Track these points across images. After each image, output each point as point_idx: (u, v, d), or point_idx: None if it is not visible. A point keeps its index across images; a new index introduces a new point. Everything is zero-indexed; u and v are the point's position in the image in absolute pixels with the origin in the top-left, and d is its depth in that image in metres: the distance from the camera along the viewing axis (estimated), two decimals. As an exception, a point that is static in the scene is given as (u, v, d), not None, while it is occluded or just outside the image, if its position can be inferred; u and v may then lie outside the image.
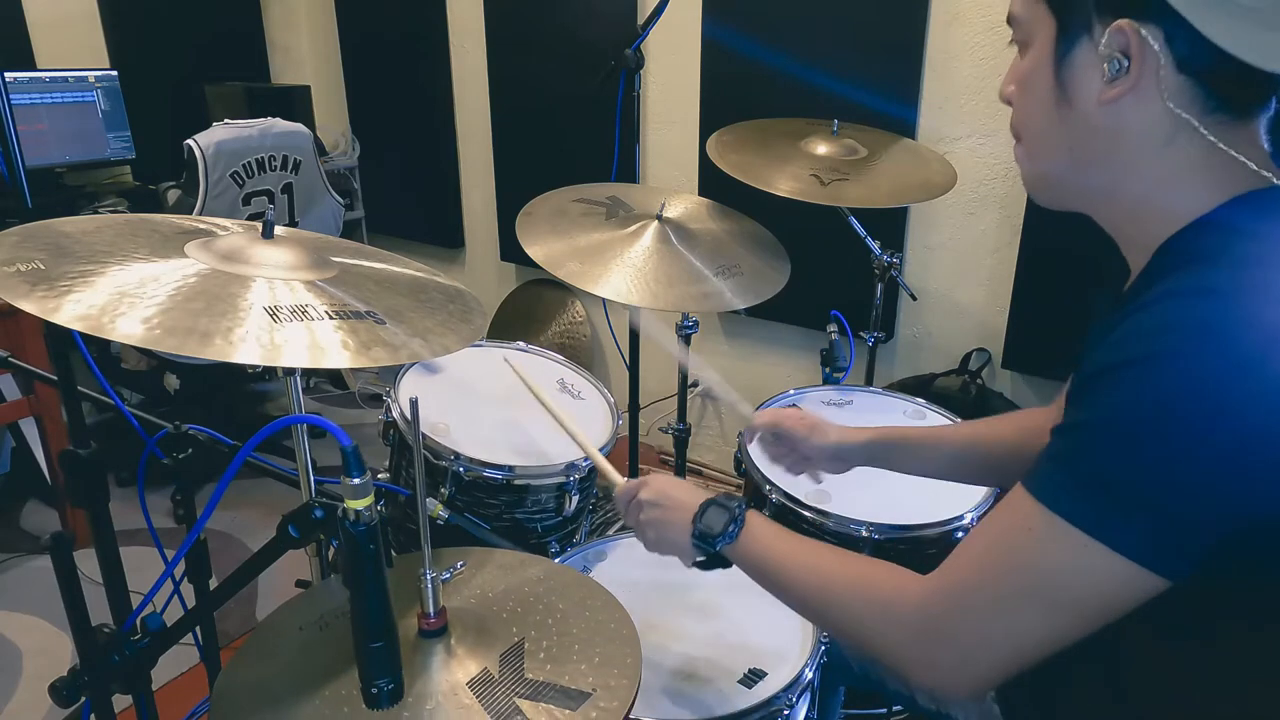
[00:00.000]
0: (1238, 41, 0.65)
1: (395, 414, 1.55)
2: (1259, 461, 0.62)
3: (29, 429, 2.58)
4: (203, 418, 1.40)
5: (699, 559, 0.99)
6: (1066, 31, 0.74)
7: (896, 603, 0.79)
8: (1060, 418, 1.10)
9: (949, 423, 1.74)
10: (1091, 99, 0.73)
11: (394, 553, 1.57)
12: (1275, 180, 0.71)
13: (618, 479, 1.16)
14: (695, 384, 3.09)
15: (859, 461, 1.22)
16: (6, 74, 2.46)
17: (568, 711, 0.85)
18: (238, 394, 3.45)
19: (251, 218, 2.52)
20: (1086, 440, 0.68)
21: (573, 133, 3.04)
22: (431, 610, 0.91)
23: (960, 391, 2.39)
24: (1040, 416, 1.14)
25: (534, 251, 1.66)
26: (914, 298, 2.52)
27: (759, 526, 0.95)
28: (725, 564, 0.98)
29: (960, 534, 1.43)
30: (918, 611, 0.77)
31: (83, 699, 0.97)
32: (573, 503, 1.52)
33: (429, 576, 0.90)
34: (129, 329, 0.76)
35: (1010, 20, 0.81)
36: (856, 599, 0.83)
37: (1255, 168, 0.70)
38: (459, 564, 1.01)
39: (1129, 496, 0.65)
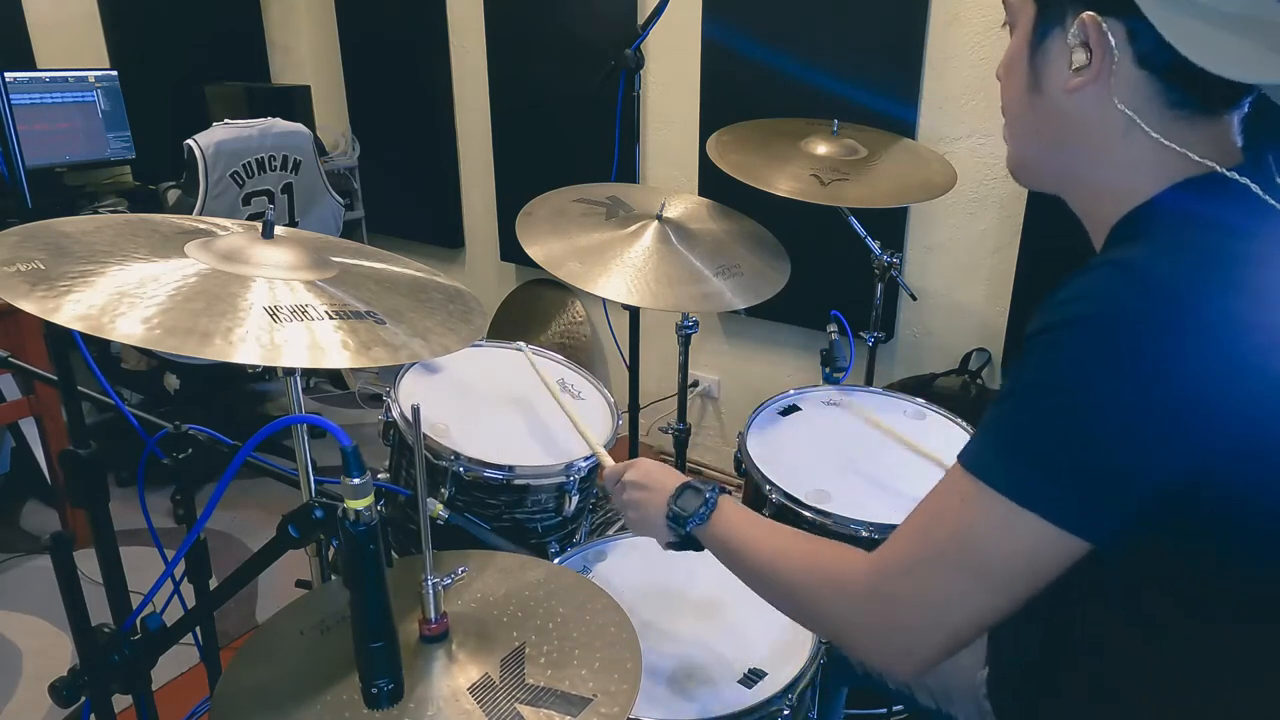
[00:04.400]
0: (1190, 43, 0.67)
1: (395, 414, 1.55)
2: (1166, 425, 0.64)
3: (29, 429, 2.58)
4: (203, 418, 1.40)
5: (671, 540, 1.02)
6: (1043, 19, 0.76)
7: (845, 580, 0.81)
8: None
9: (949, 422, 1.74)
10: (1059, 86, 0.75)
11: (394, 553, 1.58)
12: (1216, 167, 0.72)
13: (608, 461, 1.22)
14: (695, 384, 3.09)
15: None
16: (6, 74, 2.46)
17: (569, 717, 0.85)
18: (238, 394, 3.45)
19: (251, 218, 2.52)
20: (1006, 407, 0.71)
21: (573, 133, 3.03)
22: (433, 616, 0.91)
23: (960, 391, 2.39)
24: None
25: (534, 251, 1.65)
26: (914, 298, 2.52)
27: (729, 510, 0.97)
28: (697, 547, 1.00)
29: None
30: (861, 585, 0.79)
31: (83, 699, 0.97)
32: (572, 503, 1.52)
33: (430, 582, 0.90)
34: (129, 329, 0.76)
35: (1004, 2, 0.83)
36: (809, 578, 0.85)
37: (1197, 159, 0.72)
38: (460, 569, 1.00)
39: (1045, 460, 0.67)
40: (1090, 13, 0.71)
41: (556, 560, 1.38)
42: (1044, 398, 0.67)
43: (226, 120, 2.57)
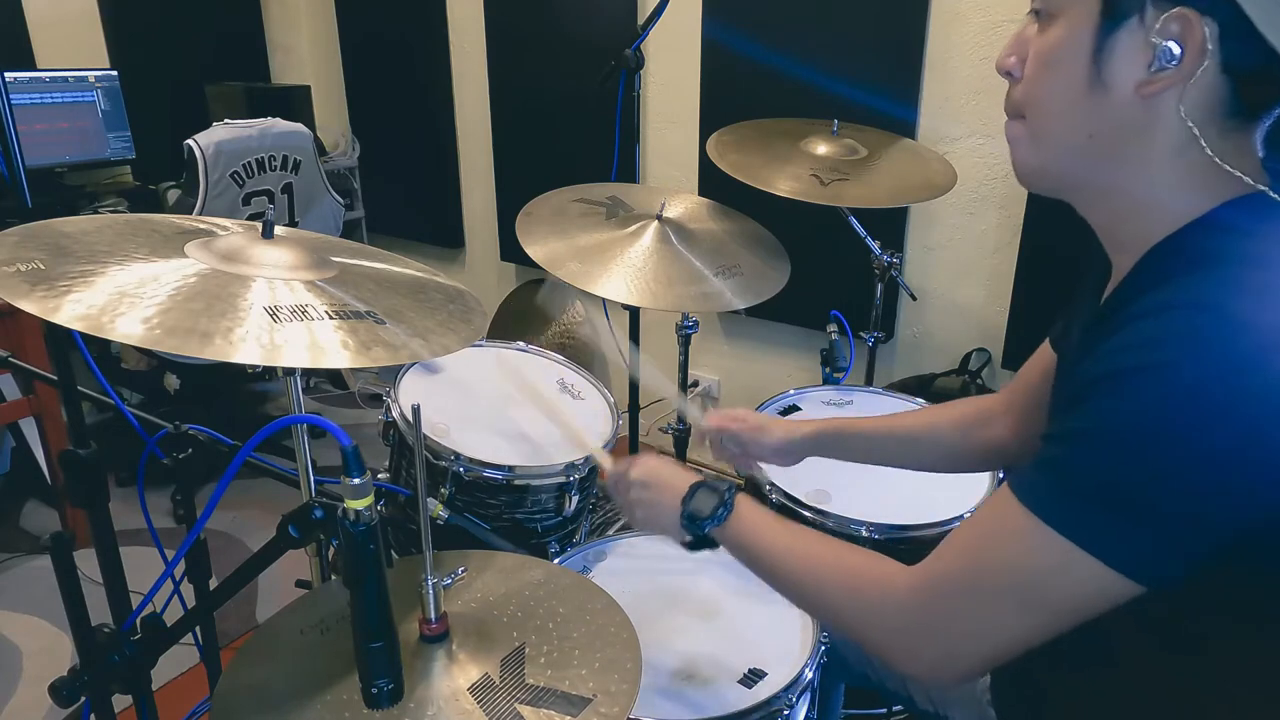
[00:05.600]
0: None
1: (395, 414, 1.55)
2: (1248, 475, 0.62)
3: (29, 429, 2.58)
4: (203, 418, 1.40)
5: (687, 539, 1.00)
6: (1113, 11, 0.69)
7: (882, 594, 0.80)
8: (1012, 403, 1.10)
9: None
10: (1129, 87, 0.69)
11: (394, 553, 1.58)
12: (1267, 190, 0.70)
13: (607, 463, 1.17)
14: (695, 384, 3.09)
15: (806, 453, 1.26)
16: (6, 74, 2.46)
17: (569, 717, 0.85)
18: (238, 394, 3.45)
19: (251, 218, 2.52)
20: (1076, 449, 0.68)
21: (573, 133, 3.03)
22: (433, 616, 0.91)
23: (960, 391, 2.39)
24: (988, 404, 1.16)
25: (534, 251, 1.65)
26: (914, 298, 2.52)
27: (747, 510, 0.95)
28: (713, 545, 0.99)
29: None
30: (903, 603, 0.78)
31: (83, 699, 0.97)
32: (572, 503, 1.52)
33: (430, 582, 0.90)
34: (129, 329, 0.76)
35: None
36: (843, 588, 0.84)
37: (1251, 181, 0.69)
38: (460, 570, 1.00)
39: (1114, 507, 0.65)
40: (1185, 8, 0.65)
41: (556, 560, 1.38)
42: (1119, 444, 0.64)
43: (226, 120, 2.57)
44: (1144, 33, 0.68)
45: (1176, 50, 0.66)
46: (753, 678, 1.16)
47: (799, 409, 1.78)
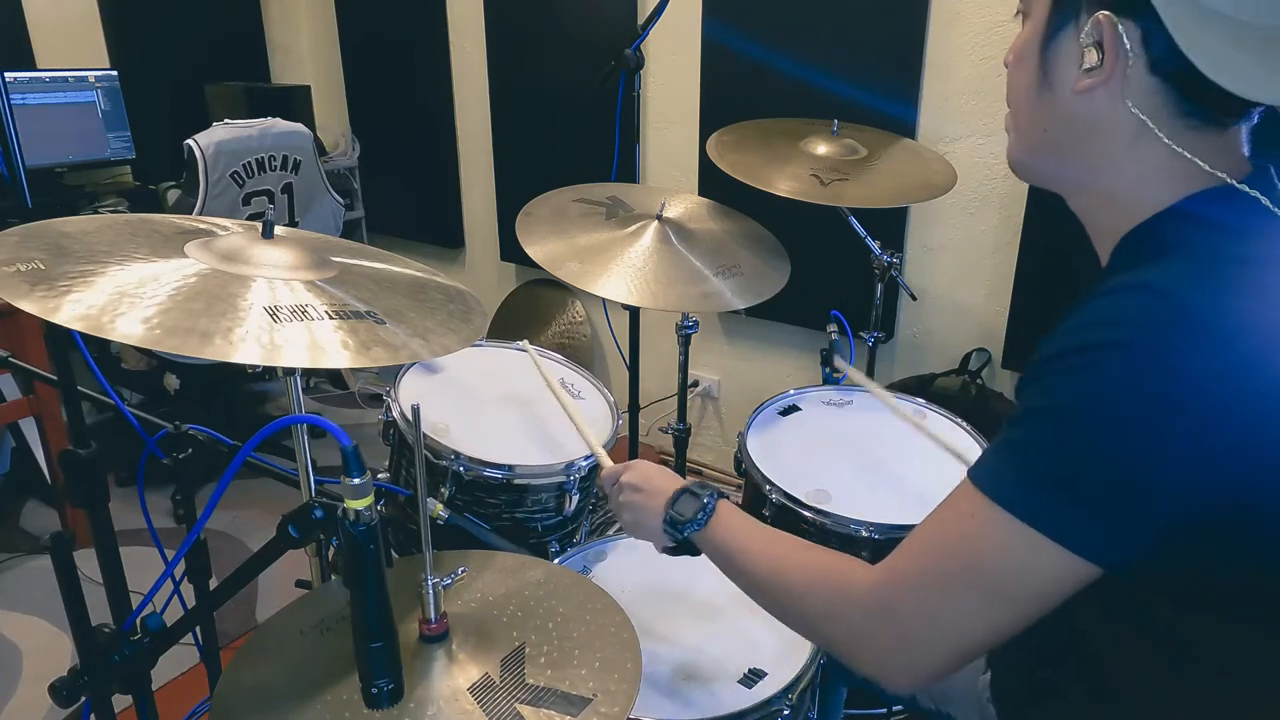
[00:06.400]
0: (1204, 55, 0.65)
1: (395, 414, 1.55)
2: (1197, 454, 0.62)
3: (29, 429, 2.58)
4: (203, 418, 1.40)
5: (668, 544, 1.01)
6: (1057, 13, 0.74)
7: (846, 589, 0.80)
8: None
9: (949, 423, 1.74)
10: (1068, 86, 0.74)
11: (394, 553, 1.58)
12: (1229, 180, 0.71)
13: (607, 462, 1.20)
14: (695, 384, 3.09)
15: None
16: (6, 74, 2.46)
17: (569, 717, 0.85)
18: (238, 394, 3.45)
19: (251, 217, 2.52)
20: (1027, 430, 0.69)
21: (573, 133, 3.03)
22: (433, 616, 0.91)
23: (960, 391, 2.39)
24: None
25: (534, 251, 1.65)
26: (914, 298, 2.52)
27: (727, 516, 0.96)
28: (694, 551, 0.99)
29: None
30: (866, 597, 0.77)
31: (83, 699, 0.97)
32: (573, 502, 1.52)
33: (430, 583, 0.90)
34: (129, 329, 0.76)
35: None
36: (808, 585, 0.84)
37: (1209, 169, 0.70)
38: (460, 569, 1.00)
39: (1065, 486, 0.66)
40: (1105, 12, 0.69)
41: (556, 560, 1.38)
42: (1068, 423, 0.65)
43: (226, 120, 2.57)
44: (1078, 34, 0.72)
45: (1097, 53, 0.70)
46: (753, 678, 1.16)
47: (799, 409, 1.78)
